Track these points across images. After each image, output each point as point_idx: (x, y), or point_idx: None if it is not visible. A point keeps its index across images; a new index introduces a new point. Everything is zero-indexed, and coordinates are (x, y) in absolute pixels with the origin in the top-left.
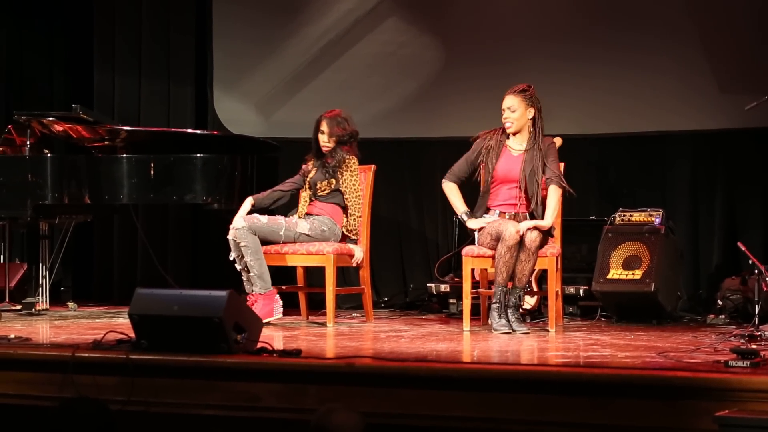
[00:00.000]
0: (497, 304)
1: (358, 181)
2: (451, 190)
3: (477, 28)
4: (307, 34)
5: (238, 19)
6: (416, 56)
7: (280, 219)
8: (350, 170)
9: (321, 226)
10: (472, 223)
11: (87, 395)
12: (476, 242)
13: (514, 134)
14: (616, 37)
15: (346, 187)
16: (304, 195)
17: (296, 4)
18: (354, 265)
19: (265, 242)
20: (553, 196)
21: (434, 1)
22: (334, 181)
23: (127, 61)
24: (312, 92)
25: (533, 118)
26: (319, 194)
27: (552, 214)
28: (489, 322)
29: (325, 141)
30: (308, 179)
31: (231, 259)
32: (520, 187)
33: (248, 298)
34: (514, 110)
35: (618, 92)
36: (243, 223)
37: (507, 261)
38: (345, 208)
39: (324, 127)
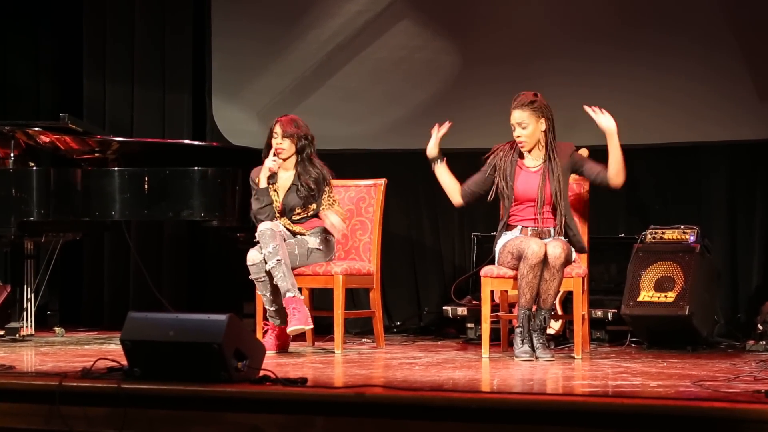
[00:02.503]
0: (520, 329)
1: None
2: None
3: (495, 30)
4: (312, 38)
5: (239, 23)
6: (430, 61)
7: (289, 240)
8: (330, 186)
9: (326, 236)
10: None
11: (75, 428)
12: (496, 261)
13: (529, 151)
14: (646, 41)
15: (328, 202)
16: (283, 222)
17: (301, 5)
18: (335, 234)
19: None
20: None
21: (449, 3)
22: (314, 206)
23: (119, 66)
24: (318, 101)
25: (545, 129)
26: (294, 218)
27: (618, 148)
28: (514, 348)
29: (279, 143)
30: (281, 200)
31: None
32: (537, 206)
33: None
34: (526, 126)
35: (649, 99)
36: (259, 257)
37: (530, 281)
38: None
39: (277, 129)
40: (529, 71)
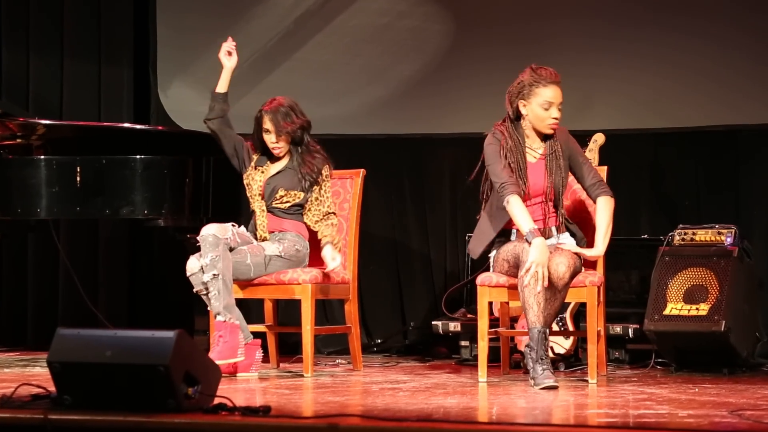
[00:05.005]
0: (533, 351)
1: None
2: (517, 206)
3: None
4: (277, 2)
5: None
6: (418, 30)
7: (240, 248)
8: (326, 179)
9: (294, 245)
10: (535, 245)
11: None
12: (491, 268)
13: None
14: (675, 7)
15: (325, 194)
16: (259, 205)
17: None
18: (330, 269)
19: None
20: (605, 211)
21: None
22: (302, 194)
23: (45, 35)
24: (283, 77)
25: None
26: (275, 205)
27: (605, 238)
28: (531, 377)
29: (273, 142)
30: (264, 181)
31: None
32: (546, 201)
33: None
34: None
35: (677, 76)
36: (198, 265)
37: (533, 289)
38: (306, 226)
39: (268, 124)
40: (537, 46)
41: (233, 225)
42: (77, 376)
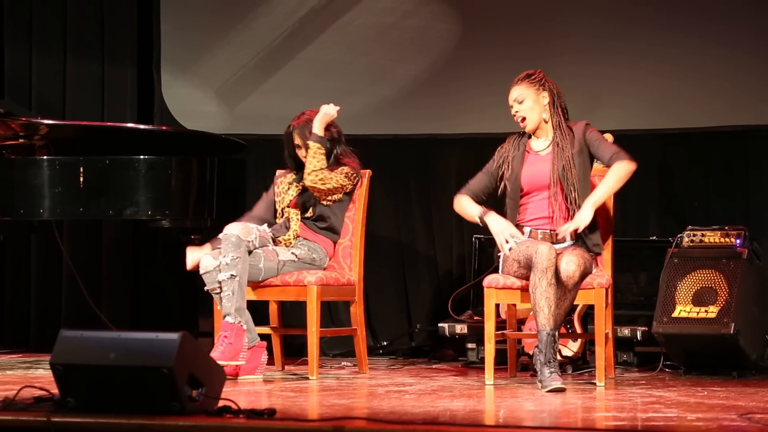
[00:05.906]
0: (542, 354)
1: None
2: (462, 202)
3: None
4: (282, 1)
5: None
6: (424, 29)
7: (257, 251)
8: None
9: (312, 254)
10: (492, 220)
11: None
12: (500, 270)
13: (534, 132)
14: (684, 7)
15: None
16: (294, 212)
17: None
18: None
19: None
20: (610, 172)
21: None
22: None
23: (48, 34)
24: (287, 77)
25: (548, 103)
26: (306, 216)
27: (594, 200)
28: (538, 379)
29: (305, 157)
30: (294, 198)
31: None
32: (552, 196)
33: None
34: (522, 100)
35: (686, 77)
36: (213, 264)
37: (545, 291)
38: (334, 244)
39: (297, 140)
40: (544, 46)
41: (257, 227)
42: (80, 379)
